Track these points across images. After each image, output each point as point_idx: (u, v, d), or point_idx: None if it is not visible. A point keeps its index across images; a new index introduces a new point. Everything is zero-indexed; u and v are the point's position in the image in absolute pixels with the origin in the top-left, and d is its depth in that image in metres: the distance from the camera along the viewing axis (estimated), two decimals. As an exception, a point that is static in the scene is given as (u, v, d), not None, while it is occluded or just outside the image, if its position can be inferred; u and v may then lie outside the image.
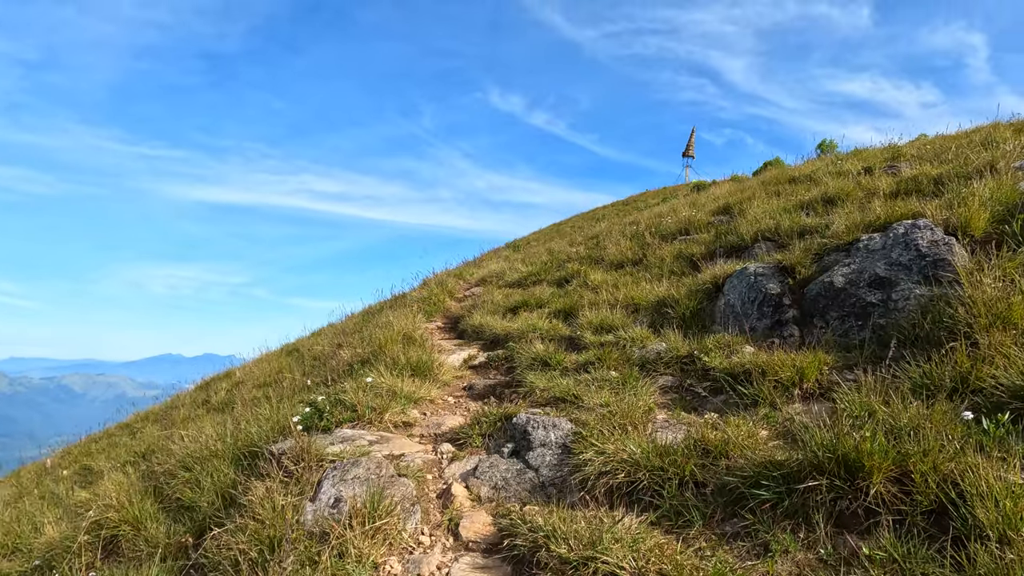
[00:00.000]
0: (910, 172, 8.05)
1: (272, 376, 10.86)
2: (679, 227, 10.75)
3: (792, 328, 5.27)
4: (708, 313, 6.32)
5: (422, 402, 6.17)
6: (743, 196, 11.01)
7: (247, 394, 10.10)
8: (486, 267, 16.11)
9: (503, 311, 9.78)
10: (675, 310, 6.50)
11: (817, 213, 8.06)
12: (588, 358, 6.06)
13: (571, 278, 10.65)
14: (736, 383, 4.65)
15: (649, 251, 10.24)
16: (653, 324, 6.67)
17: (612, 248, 11.18)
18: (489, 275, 13.93)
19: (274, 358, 12.45)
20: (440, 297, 12.40)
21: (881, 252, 5.02)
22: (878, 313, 4.68)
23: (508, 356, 7.62)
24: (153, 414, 13.03)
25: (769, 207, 9.05)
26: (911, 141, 18.86)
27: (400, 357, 6.95)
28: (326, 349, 10.32)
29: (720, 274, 6.46)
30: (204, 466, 5.66)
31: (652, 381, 5.30)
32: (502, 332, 8.45)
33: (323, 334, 13.45)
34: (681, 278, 8.32)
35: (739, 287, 6.05)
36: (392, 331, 8.19)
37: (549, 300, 9.62)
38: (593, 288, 9.45)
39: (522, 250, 19.56)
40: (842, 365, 4.52)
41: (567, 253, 13.27)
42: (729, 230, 9.00)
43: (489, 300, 10.68)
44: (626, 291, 8.02)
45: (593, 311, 7.69)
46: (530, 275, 11.98)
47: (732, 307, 6.00)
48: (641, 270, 9.54)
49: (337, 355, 8.20)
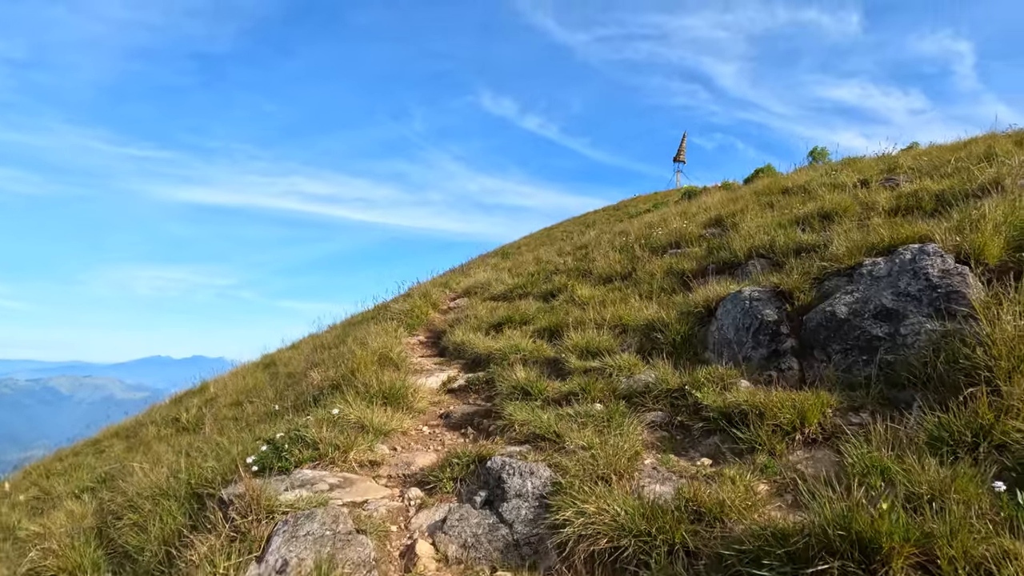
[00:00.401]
0: (910, 187, 7.69)
1: (246, 393, 10.38)
2: (670, 239, 10.36)
3: (790, 360, 4.86)
4: (700, 339, 5.91)
5: (393, 434, 5.72)
6: (736, 207, 10.64)
7: (219, 412, 9.61)
8: (473, 276, 15.67)
9: (487, 327, 9.35)
10: (665, 335, 6.09)
11: (813, 229, 7.69)
12: (572, 387, 5.64)
13: (558, 292, 10.24)
14: (731, 424, 4.24)
15: (639, 265, 9.85)
16: (642, 349, 6.25)
17: (601, 261, 10.78)
18: (475, 285, 13.50)
19: (250, 372, 11.96)
20: (423, 310, 11.94)
21: (887, 280, 4.63)
22: (885, 348, 4.28)
23: (489, 380, 7.18)
24: (124, 430, 12.49)
25: (763, 221, 8.67)
26: (903, 150, 18.61)
27: (373, 382, 6.50)
28: (300, 366, 9.85)
29: (712, 297, 6.06)
30: (154, 506, 5.20)
31: (640, 417, 4.88)
32: (484, 352, 8.02)
33: (301, 347, 12.97)
34: (671, 296, 7.92)
35: (733, 312, 5.65)
36: (367, 351, 7.73)
37: (534, 316, 9.19)
38: (580, 304, 9.03)
39: (511, 257, 19.15)
40: (847, 406, 4.12)
41: (555, 264, 12.86)
42: (721, 245, 8.61)
43: (473, 315, 10.24)
44: (614, 310, 7.61)
45: (579, 332, 7.27)
46: (516, 287, 11.56)
47: (725, 334, 5.60)
48: (630, 285, 9.14)
49: (308, 376, 7.74)
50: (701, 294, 6.39)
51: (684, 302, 6.87)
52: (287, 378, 10.16)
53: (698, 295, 6.55)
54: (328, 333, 13.19)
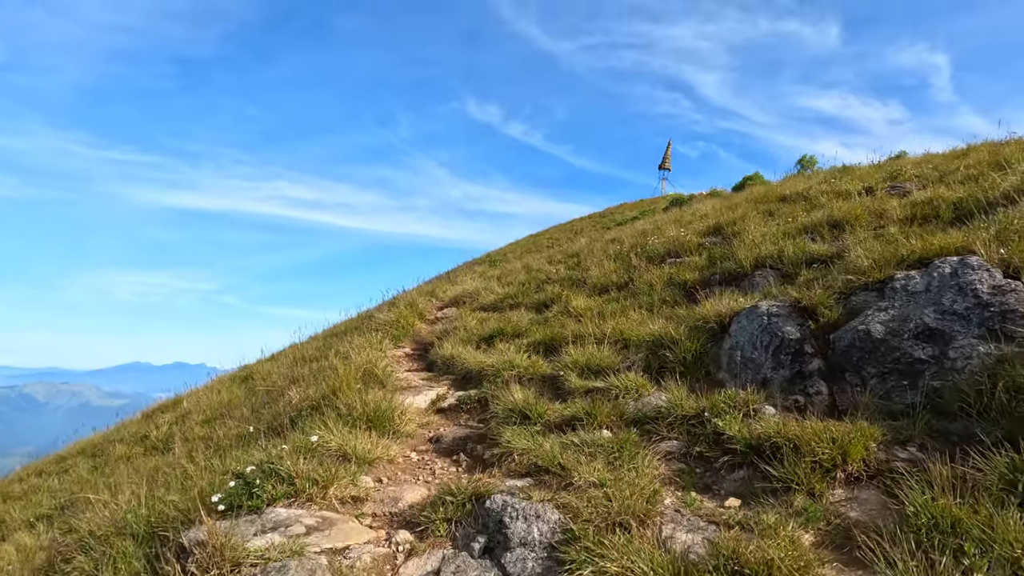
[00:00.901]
0: (923, 195, 7.31)
1: (220, 409, 9.74)
2: (667, 248, 9.92)
3: (818, 384, 4.40)
4: (712, 357, 5.44)
5: (379, 463, 5.16)
6: (734, 215, 10.23)
7: (190, 431, 8.97)
8: (460, 284, 15.13)
9: (477, 340, 8.82)
10: (674, 352, 5.60)
11: (823, 238, 7.27)
12: (575, 412, 5.12)
13: (551, 302, 9.74)
14: (761, 458, 3.76)
15: (636, 274, 9.38)
16: (648, 367, 5.76)
17: (595, 270, 10.30)
18: (463, 294, 12.95)
19: (226, 386, 11.29)
20: (409, 320, 11.37)
21: (926, 296, 4.19)
22: (930, 373, 3.84)
23: (482, 399, 6.65)
24: (91, 446, 11.75)
25: (767, 230, 8.25)
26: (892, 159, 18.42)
27: (356, 403, 5.94)
28: (279, 381, 9.23)
29: (725, 311, 5.59)
30: (107, 548, 4.58)
31: (653, 447, 4.38)
32: (475, 367, 7.49)
33: (281, 358, 12.32)
34: (674, 308, 7.46)
35: (749, 329, 5.18)
36: (349, 368, 7.16)
37: (528, 329, 8.68)
38: (576, 316, 8.54)
39: (498, 265, 18.63)
40: (891, 439, 3.65)
41: (546, 272, 12.36)
42: (725, 254, 8.17)
43: (462, 326, 9.71)
44: (614, 323, 7.12)
45: (578, 347, 6.77)
46: (507, 297, 11.04)
47: (742, 351, 5.13)
48: (628, 296, 8.67)
49: (287, 395, 7.15)
50: (711, 308, 5.92)
51: (691, 316, 6.40)
52: (265, 394, 9.54)
53: (707, 308, 6.08)
54: (309, 344, 12.57)
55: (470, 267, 21.32)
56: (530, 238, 41.61)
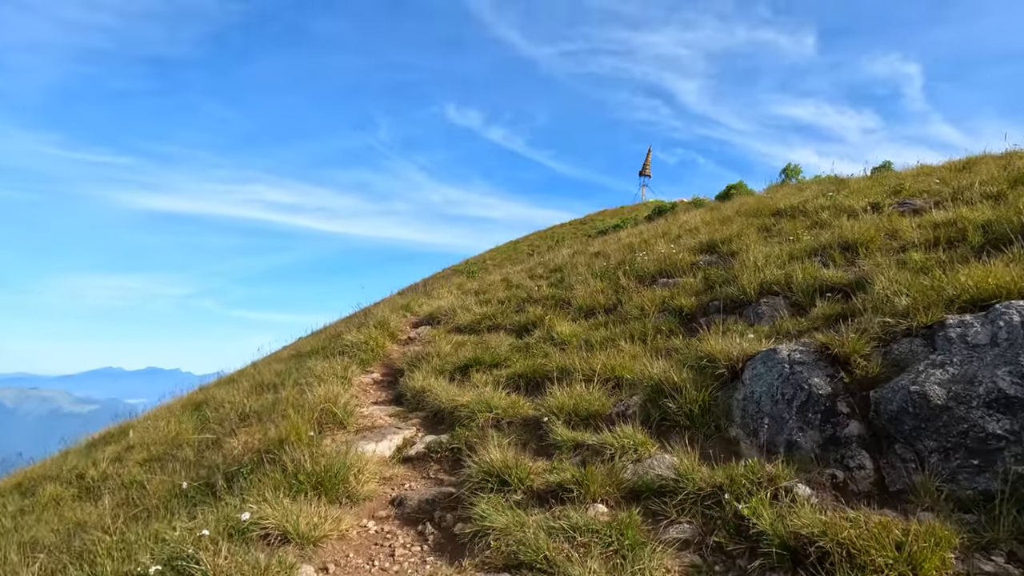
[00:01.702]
0: (943, 215, 6.59)
1: (165, 446, 8.71)
2: (658, 267, 9.12)
3: (859, 455, 3.60)
4: (723, 408, 4.62)
5: (327, 542, 4.24)
6: (729, 231, 9.47)
7: (127, 474, 7.93)
8: (436, 298, 14.22)
9: (451, 370, 7.93)
10: (677, 401, 4.77)
11: (835, 263, 6.52)
12: (562, 478, 4.26)
13: (533, 325, 8.88)
14: (802, 566, 2.94)
15: (624, 296, 8.57)
16: (647, 417, 4.92)
17: (580, 289, 9.47)
18: (439, 312, 12.04)
19: (176, 415, 10.23)
20: (379, 341, 10.43)
21: (994, 352, 3.42)
22: (1011, 454, 3.05)
23: (454, 448, 5.77)
24: (28, 479, 10.58)
25: (770, 251, 7.48)
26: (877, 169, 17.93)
27: (305, 461, 5.01)
28: (229, 415, 8.24)
29: (737, 355, 4.77)
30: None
31: (660, 532, 3.54)
32: (448, 405, 6.60)
33: (240, 381, 11.28)
34: (670, 339, 6.65)
35: (768, 377, 4.37)
36: (303, 410, 6.24)
37: (507, 357, 7.81)
38: (560, 344, 7.69)
39: (477, 276, 17.74)
40: (969, 543, 2.86)
41: (527, 289, 11.51)
42: (725, 277, 7.39)
43: (435, 352, 8.81)
44: (605, 358, 6.28)
45: (564, 387, 5.91)
46: (485, 317, 10.16)
47: (759, 404, 4.31)
48: (617, 321, 7.85)
49: (230, 442, 6.19)
50: (718, 348, 5.10)
51: (692, 352, 5.58)
52: (218, 425, 8.54)
53: (712, 347, 5.26)
54: (272, 364, 11.56)
55: (448, 278, 20.40)
56: (510, 244, 40.82)
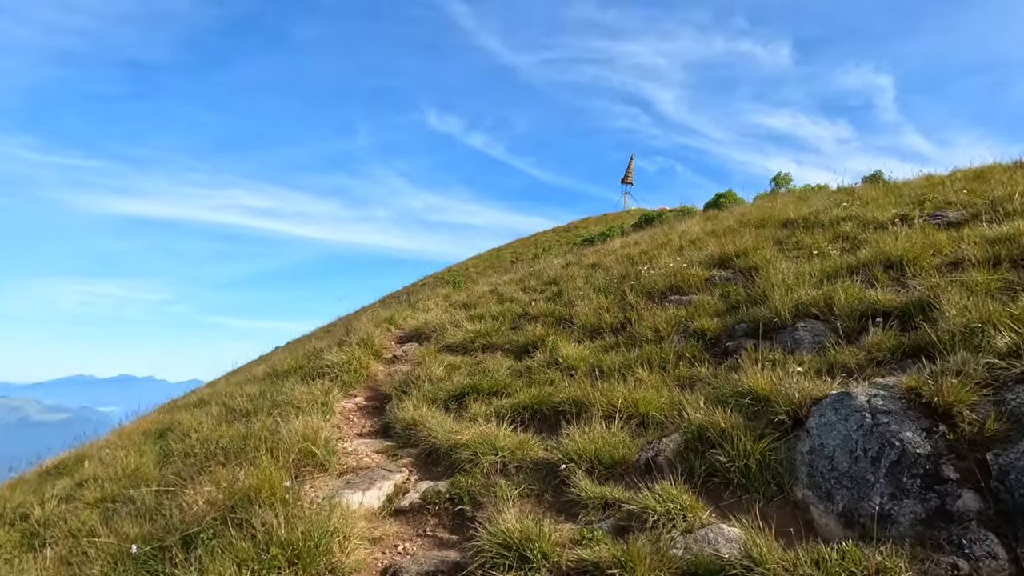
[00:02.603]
0: (998, 230, 5.91)
1: (122, 482, 7.69)
2: (668, 283, 8.36)
3: (985, 538, 2.83)
4: (784, 462, 3.83)
5: (304, 639, 3.37)
6: (742, 245, 8.73)
7: (74, 520, 6.91)
8: (422, 311, 13.32)
9: (445, 398, 7.07)
10: (726, 451, 3.97)
11: (879, 282, 5.81)
12: (599, 556, 3.42)
13: (534, 346, 8.05)
14: None
15: (633, 314, 7.79)
16: (690, 470, 4.10)
17: (583, 306, 8.67)
18: (426, 327, 11.15)
19: (136, 444, 9.19)
20: (363, 361, 9.52)
21: None
22: None
23: (455, 496, 4.92)
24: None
25: (799, 268, 6.76)
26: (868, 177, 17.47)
27: (279, 526, 4.11)
28: (195, 448, 7.27)
29: (799, 398, 3.98)
30: None
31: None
32: (445, 443, 5.74)
33: (211, 405, 10.27)
34: (695, 367, 5.87)
35: (842, 428, 3.60)
36: (278, 455, 5.34)
37: (508, 384, 6.97)
38: (567, 369, 6.88)
39: (463, 287, 16.86)
40: None
41: (521, 303, 10.68)
42: (749, 297, 6.64)
43: (426, 375, 7.93)
44: (625, 391, 5.48)
45: (580, 426, 5.09)
46: (479, 335, 9.29)
47: (832, 461, 3.54)
48: (629, 343, 7.05)
49: (190, 493, 5.24)
50: (762, 383, 4.30)
51: (727, 386, 4.79)
52: (181, 460, 7.55)
53: (754, 381, 4.47)
54: (244, 386, 10.55)
55: (431, 287, 19.49)
56: (493, 252, 39.98)
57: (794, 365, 4.79)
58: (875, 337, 4.77)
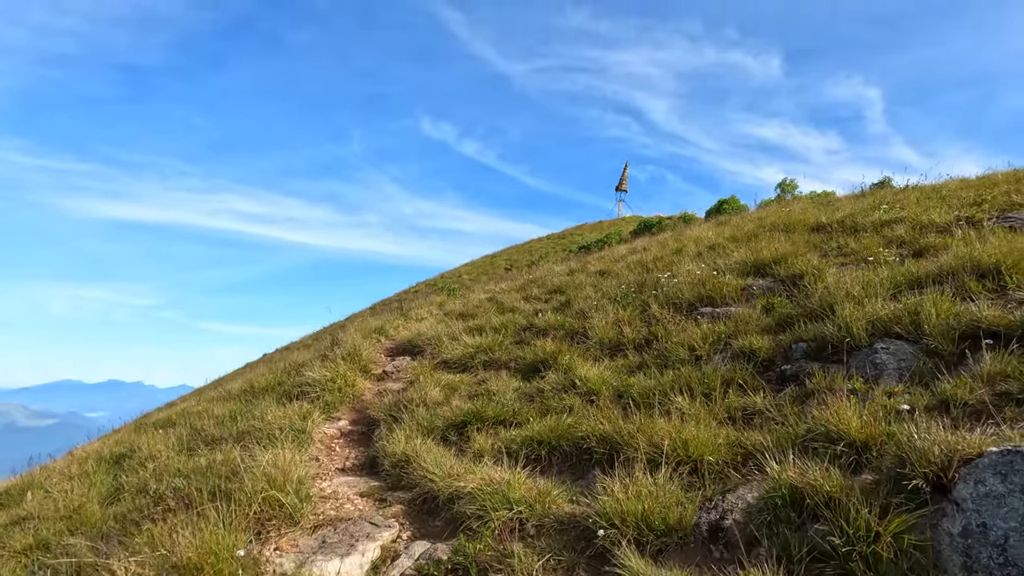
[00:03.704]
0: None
1: (63, 521, 6.49)
2: (695, 292, 7.27)
3: None
4: (922, 546, 2.76)
5: None
6: (781, 250, 7.65)
7: None
8: (415, 320, 12.17)
9: (444, 427, 5.93)
10: (838, 526, 2.88)
11: (975, 295, 4.76)
12: None
13: (545, 364, 6.94)
14: None
15: (659, 329, 6.70)
16: (783, 546, 3.00)
17: (599, 319, 7.56)
18: (420, 339, 10.01)
19: (89, 473, 7.96)
20: (349, 378, 8.37)
21: None
22: None
23: (459, 567, 3.79)
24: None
25: (864, 277, 5.70)
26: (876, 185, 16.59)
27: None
28: (148, 483, 6.10)
29: (939, 458, 2.90)
30: None
31: None
32: (445, 489, 4.61)
33: (178, 426, 9.05)
34: (746, 395, 4.78)
35: (1015, 503, 2.53)
36: (238, 504, 4.19)
37: (517, 411, 5.85)
38: (586, 394, 5.77)
39: (458, 295, 15.71)
40: None
41: (525, 314, 9.57)
42: (804, 310, 5.57)
43: (420, 398, 6.79)
44: (670, 428, 4.37)
45: (619, 478, 3.97)
46: (479, 350, 8.17)
47: (1003, 551, 2.47)
48: (656, 363, 5.95)
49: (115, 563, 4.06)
50: (856, 425, 3.23)
51: (808, 426, 3.72)
52: (132, 497, 6.36)
53: (848, 423, 3.40)
54: (215, 405, 9.34)
55: (425, 294, 18.30)
56: (487, 259, 38.87)
57: (894, 399, 3.71)
58: (993, 364, 3.71)
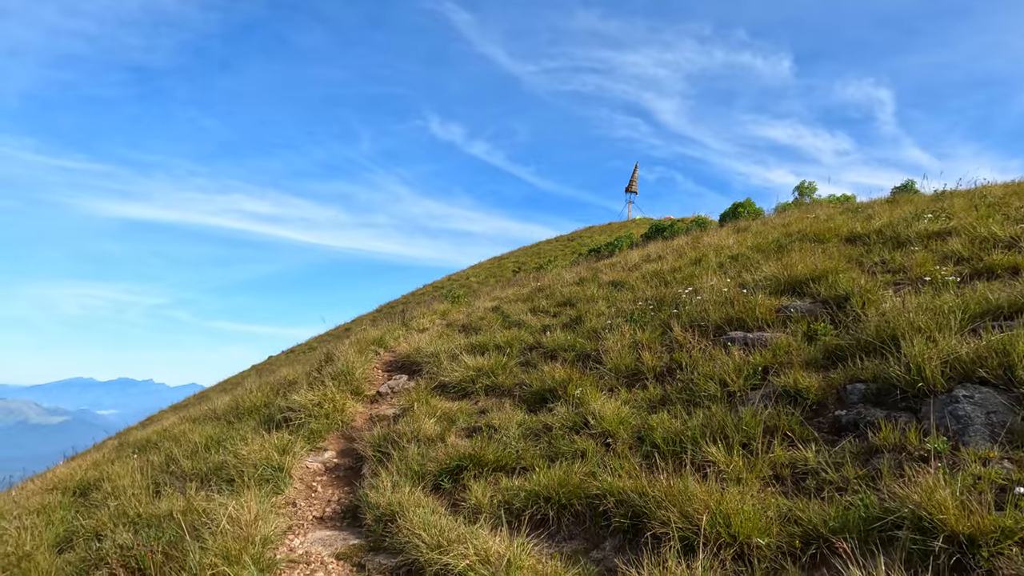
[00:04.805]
0: None
1: (11, 572, 5.76)
2: (723, 314, 6.44)
3: None
4: None
5: None
6: (820, 265, 6.78)
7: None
8: (416, 330, 11.42)
9: (436, 472, 5.14)
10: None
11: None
12: None
13: (553, 394, 6.15)
14: None
15: (684, 355, 5.88)
16: None
17: (614, 341, 6.74)
18: (419, 353, 9.25)
19: (48, 507, 7.21)
20: (338, 402, 7.60)
21: None
22: None
23: None
24: None
25: (924, 303, 4.86)
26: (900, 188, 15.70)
27: None
28: (107, 526, 5.35)
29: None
30: None
31: None
32: (433, 562, 3.83)
33: (163, 445, 8.32)
34: (795, 448, 3.97)
35: None
36: None
37: (523, 453, 5.05)
38: (601, 436, 4.97)
39: (462, 301, 14.93)
40: None
41: (532, 330, 8.77)
42: (859, 343, 4.74)
43: (413, 433, 6.01)
44: (706, 496, 3.56)
45: (647, 559, 3.18)
46: (481, 372, 7.37)
47: None
48: (681, 398, 5.15)
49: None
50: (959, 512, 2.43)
51: (881, 505, 2.93)
52: (84, 544, 5.60)
53: (936, 505, 2.59)
54: (198, 426, 8.60)
55: (429, 302, 17.51)
56: (494, 261, 38.07)
57: (990, 467, 2.90)
58: None
